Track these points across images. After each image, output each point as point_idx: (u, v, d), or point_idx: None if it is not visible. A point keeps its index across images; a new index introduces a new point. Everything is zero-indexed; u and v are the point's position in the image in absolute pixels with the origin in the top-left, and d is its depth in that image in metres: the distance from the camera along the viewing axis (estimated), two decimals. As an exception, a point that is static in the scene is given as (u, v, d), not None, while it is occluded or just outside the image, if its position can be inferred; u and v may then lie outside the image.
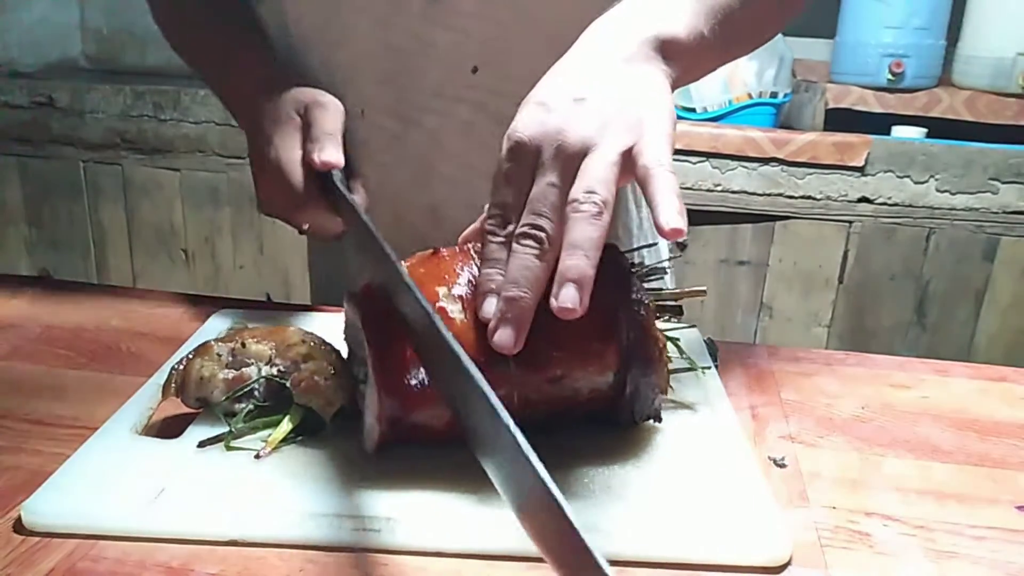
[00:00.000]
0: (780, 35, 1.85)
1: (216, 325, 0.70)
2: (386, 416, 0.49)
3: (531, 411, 0.50)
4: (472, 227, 0.54)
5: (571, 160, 0.47)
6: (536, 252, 0.46)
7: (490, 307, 0.47)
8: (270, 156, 0.62)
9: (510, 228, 0.48)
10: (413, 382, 0.48)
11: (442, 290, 0.49)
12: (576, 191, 0.46)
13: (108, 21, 2.30)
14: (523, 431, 0.37)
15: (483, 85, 0.71)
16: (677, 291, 0.59)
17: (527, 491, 0.35)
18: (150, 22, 0.80)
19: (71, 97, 1.99)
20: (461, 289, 0.49)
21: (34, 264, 2.13)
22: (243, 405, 0.54)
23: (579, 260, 0.44)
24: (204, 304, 0.78)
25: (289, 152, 0.62)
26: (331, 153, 0.60)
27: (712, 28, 0.55)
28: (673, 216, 0.44)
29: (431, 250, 0.53)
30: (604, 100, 0.48)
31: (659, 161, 0.46)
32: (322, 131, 0.61)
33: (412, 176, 0.75)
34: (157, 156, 1.99)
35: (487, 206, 0.50)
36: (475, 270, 0.50)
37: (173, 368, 0.56)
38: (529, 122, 0.49)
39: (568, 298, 0.44)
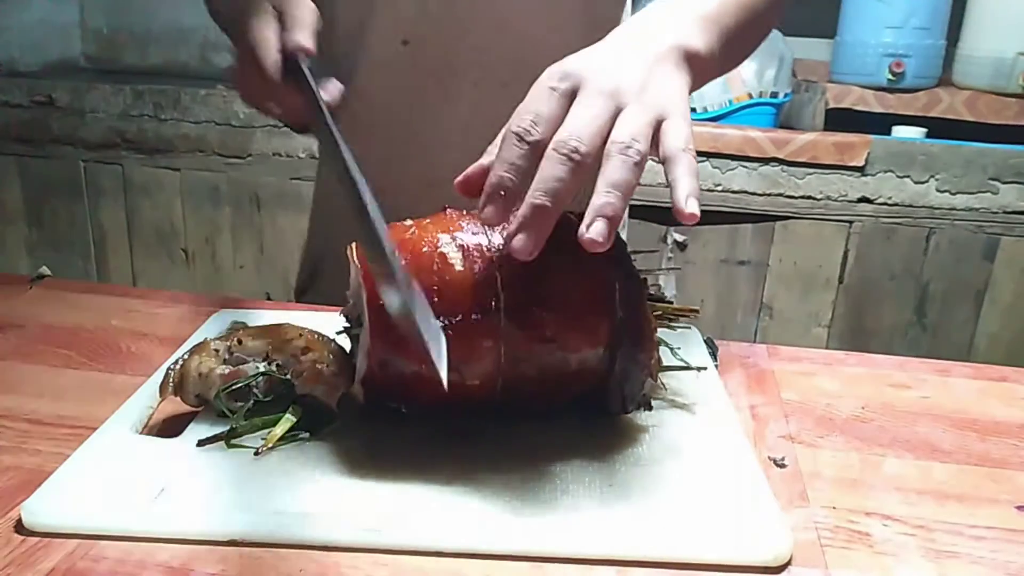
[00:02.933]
0: (780, 35, 1.85)
1: (216, 325, 0.70)
2: (377, 356, 0.50)
3: (520, 377, 0.50)
4: (472, 167, 0.53)
5: (611, 100, 0.48)
6: (571, 167, 0.46)
7: (492, 212, 0.47)
8: (246, 41, 0.63)
9: (536, 138, 0.47)
10: (444, 322, 0.48)
11: (444, 237, 0.50)
12: (620, 134, 0.47)
13: (108, 21, 2.30)
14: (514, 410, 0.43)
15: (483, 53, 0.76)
16: (673, 307, 0.60)
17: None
18: (150, 22, 0.81)
19: (71, 97, 1.99)
20: (464, 240, 0.50)
21: (34, 264, 2.13)
22: (241, 404, 0.54)
23: (614, 199, 0.45)
24: (204, 304, 0.78)
25: (263, 35, 0.62)
26: (302, 38, 0.61)
27: (721, 48, 0.58)
28: (691, 201, 0.46)
29: (440, 210, 0.54)
30: (642, 75, 0.50)
31: (686, 142, 0.48)
32: (295, 21, 0.62)
33: (385, 116, 0.80)
34: (157, 156, 1.99)
35: (511, 120, 0.49)
36: (479, 229, 0.51)
37: (170, 367, 0.56)
38: (574, 61, 0.50)
39: (598, 232, 0.44)
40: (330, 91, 0.62)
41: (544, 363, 0.51)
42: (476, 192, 0.50)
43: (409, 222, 0.53)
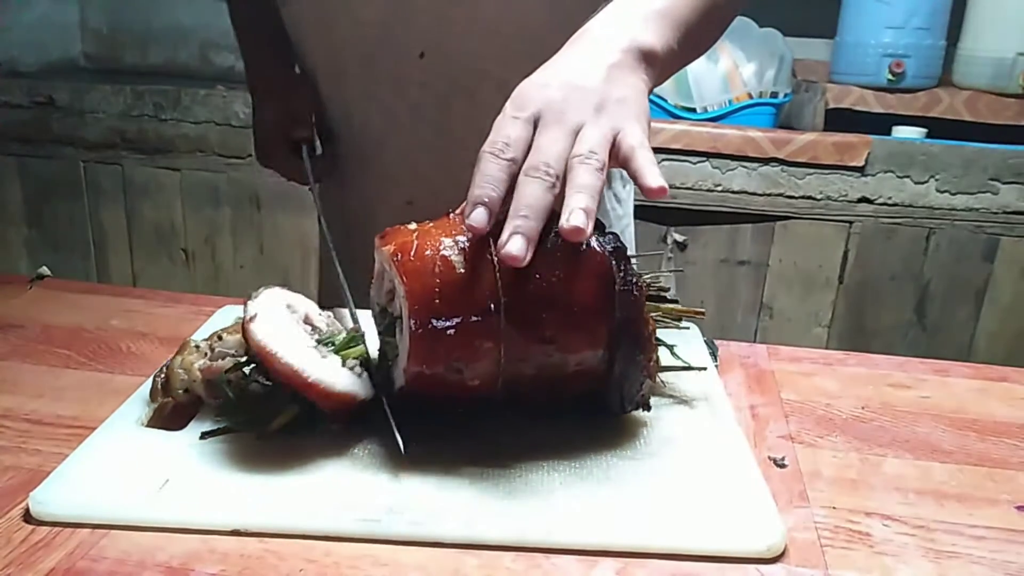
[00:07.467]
0: (780, 35, 1.85)
1: (216, 325, 0.70)
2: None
3: (518, 377, 0.51)
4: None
5: (570, 129, 0.52)
6: (546, 184, 0.49)
7: (479, 216, 0.49)
8: (262, 120, 0.88)
9: (511, 155, 0.50)
10: (446, 323, 0.49)
11: (447, 240, 0.51)
12: (579, 149, 0.51)
13: (108, 21, 2.30)
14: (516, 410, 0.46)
15: (429, 68, 0.77)
16: (678, 308, 0.60)
17: None
18: (150, 22, 0.84)
19: (71, 97, 1.99)
20: (465, 243, 0.51)
21: (34, 264, 2.13)
22: (235, 395, 0.54)
23: (585, 197, 0.49)
24: (204, 304, 0.78)
25: (271, 119, 0.86)
26: (303, 132, 0.83)
27: (679, 40, 0.61)
28: (656, 177, 0.49)
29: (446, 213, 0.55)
30: (598, 90, 0.53)
31: (641, 142, 0.52)
32: (299, 116, 0.83)
33: (367, 149, 0.84)
34: (157, 156, 1.99)
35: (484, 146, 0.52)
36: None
37: (156, 375, 0.56)
38: (532, 91, 0.53)
39: (579, 219, 0.48)
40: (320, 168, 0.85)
41: (543, 363, 0.51)
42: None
43: (413, 226, 0.53)
